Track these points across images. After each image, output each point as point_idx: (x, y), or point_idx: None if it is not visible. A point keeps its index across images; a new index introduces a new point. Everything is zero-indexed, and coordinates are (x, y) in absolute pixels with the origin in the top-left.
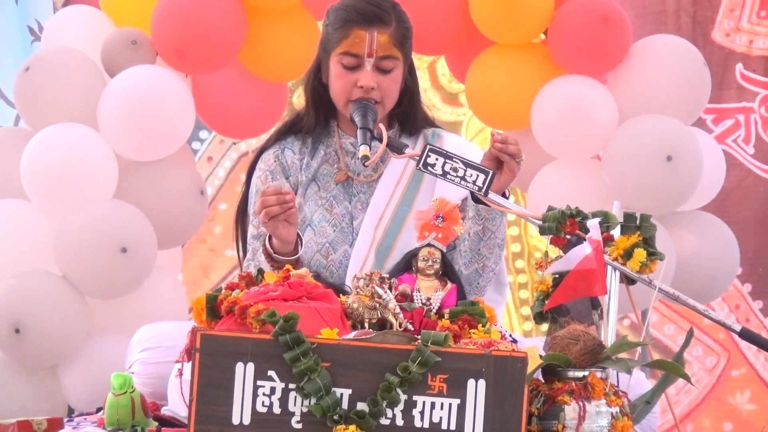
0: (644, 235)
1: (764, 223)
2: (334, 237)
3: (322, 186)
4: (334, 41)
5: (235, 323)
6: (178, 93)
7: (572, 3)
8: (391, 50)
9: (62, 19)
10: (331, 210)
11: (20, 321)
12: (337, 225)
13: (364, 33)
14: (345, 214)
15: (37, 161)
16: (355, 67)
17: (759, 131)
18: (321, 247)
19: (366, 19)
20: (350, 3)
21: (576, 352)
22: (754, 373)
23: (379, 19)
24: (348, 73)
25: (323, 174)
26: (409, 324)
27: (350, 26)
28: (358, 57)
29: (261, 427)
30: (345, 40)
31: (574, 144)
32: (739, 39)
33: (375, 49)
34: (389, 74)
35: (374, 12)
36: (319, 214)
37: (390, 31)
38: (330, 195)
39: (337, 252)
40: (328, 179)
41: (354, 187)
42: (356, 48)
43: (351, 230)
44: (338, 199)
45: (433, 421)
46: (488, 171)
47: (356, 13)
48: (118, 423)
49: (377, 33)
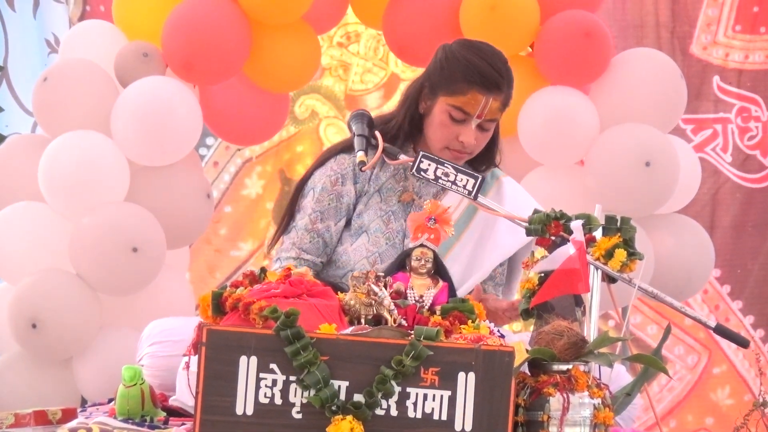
0: (624, 237)
1: (741, 227)
2: (385, 249)
3: (384, 199)
4: (448, 90)
5: (239, 319)
6: (187, 102)
7: (557, 19)
8: (497, 114)
9: (78, 32)
10: (387, 223)
11: (37, 316)
12: (391, 239)
13: (481, 97)
14: (399, 231)
15: (53, 166)
16: (460, 122)
17: (736, 140)
18: (371, 254)
19: (486, 85)
20: (473, 61)
21: (560, 347)
22: (734, 370)
23: (497, 86)
24: (453, 125)
25: (387, 188)
26: (403, 320)
27: (470, 86)
28: (468, 115)
29: (263, 416)
30: (461, 96)
31: (559, 150)
32: (716, 52)
33: (486, 113)
34: (487, 132)
35: (496, 80)
36: (376, 225)
37: (501, 98)
38: (390, 209)
39: (383, 263)
40: (391, 194)
41: (414, 208)
42: (470, 108)
43: (402, 247)
44: (396, 216)
45: (426, 411)
46: (477, 176)
47: (480, 76)
48: (128, 413)
49: (492, 99)
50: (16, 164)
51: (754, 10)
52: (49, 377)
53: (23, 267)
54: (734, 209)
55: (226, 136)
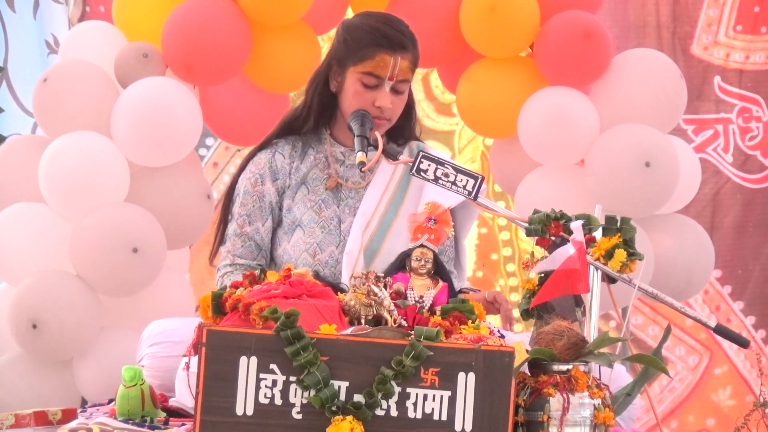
0: (624, 237)
1: (742, 227)
2: (322, 238)
3: (312, 189)
4: (356, 58)
5: (239, 319)
6: (187, 103)
7: (557, 19)
8: (408, 74)
9: (78, 33)
10: (320, 213)
11: (37, 317)
12: (326, 227)
13: (389, 58)
14: (333, 218)
15: (53, 167)
16: (373, 87)
17: (737, 141)
18: (309, 246)
19: (391, 45)
20: (374, 25)
21: (560, 347)
22: (735, 370)
23: (402, 45)
24: (366, 91)
25: (313, 178)
26: (403, 320)
27: (376, 49)
28: (380, 78)
29: (263, 417)
30: (369, 61)
31: (559, 151)
32: (716, 53)
33: (396, 73)
34: (401, 95)
35: (399, 39)
36: (308, 216)
37: (409, 57)
38: (319, 198)
39: (324, 252)
40: (318, 183)
41: (342, 192)
42: (380, 71)
43: (338, 233)
44: (327, 203)
45: (426, 412)
46: (478, 176)
47: (383, 37)
48: (128, 413)
49: (400, 58)
50: (16, 165)
51: (755, 11)
52: (49, 378)
53: (23, 268)
54: (735, 210)
55: (226, 137)
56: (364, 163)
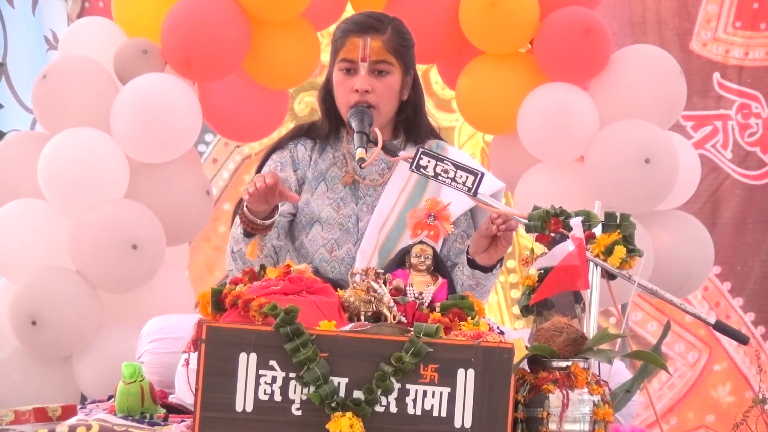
0: (624, 233)
1: (742, 224)
2: (340, 235)
3: (331, 187)
4: (335, 54)
5: (239, 316)
6: (186, 99)
7: (556, 15)
8: (385, 56)
9: (77, 29)
10: (338, 210)
11: (37, 314)
12: (344, 225)
13: (358, 40)
14: (351, 215)
15: (53, 163)
16: (352, 73)
17: (736, 137)
18: (327, 242)
19: (361, 28)
20: (350, 17)
21: (560, 344)
22: (735, 367)
23: (373, 27)
24: (346, 78)
25: (332, 176)
26: (402, 317)
27: (347, 35)
28: (353, 62)
29: (263, 413)
30: (342, 48)
31: (558, 147)
32: (716, 49)
33: (368, 53)
34: (384, 79)
35: (368, 22)
36: (327, 213)
37: (384, 39)
38: (338, 196)
39: (341, 249)
40: (336, 181)
41: (360, 190)
42: (351, 54)
43: (356, 231)
44: (345, 201)
45: (425, 408)
46: (477, 172)
47: (353, 23)
48: (128, 410)
49: (370, 39)
50: (15, 161)
51: (754, 7)
52: (49, 374)
53: (23, 264)
54: (734, 206)
55: (226, 133)
56: (364, 159)
